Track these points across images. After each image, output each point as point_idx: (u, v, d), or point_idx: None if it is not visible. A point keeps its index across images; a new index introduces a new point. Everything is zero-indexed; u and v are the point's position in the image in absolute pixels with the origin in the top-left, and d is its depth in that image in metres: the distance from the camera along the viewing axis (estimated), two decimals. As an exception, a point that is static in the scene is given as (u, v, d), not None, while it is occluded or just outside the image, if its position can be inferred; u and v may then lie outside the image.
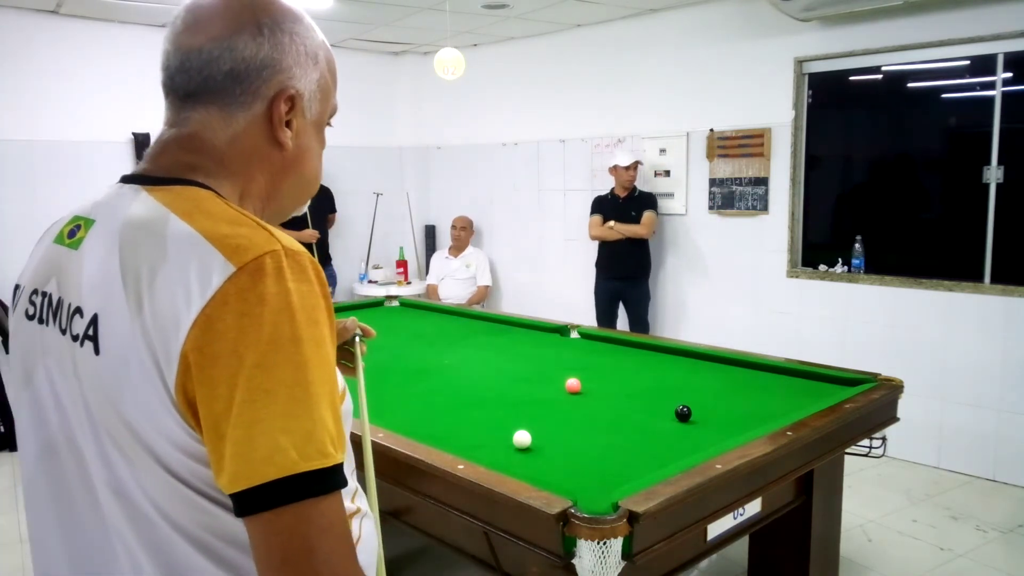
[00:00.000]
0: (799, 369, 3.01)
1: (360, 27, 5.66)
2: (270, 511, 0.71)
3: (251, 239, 0.76)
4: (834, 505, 2.80)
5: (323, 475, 0.73)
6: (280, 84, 0.87)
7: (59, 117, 5.15)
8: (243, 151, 0.87)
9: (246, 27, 0.85)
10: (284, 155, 0.90)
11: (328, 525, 0.73)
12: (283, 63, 0.87)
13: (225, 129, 0.86)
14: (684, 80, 5.15)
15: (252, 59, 0.84)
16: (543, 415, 2.56)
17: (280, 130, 0.88)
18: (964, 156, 4.26)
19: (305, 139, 0.92)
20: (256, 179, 0.89)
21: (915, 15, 4.09)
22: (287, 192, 0.94)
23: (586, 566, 1.68)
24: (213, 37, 0.84)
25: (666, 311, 5.42)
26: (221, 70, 0.84)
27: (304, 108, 0.90)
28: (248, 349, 0.71)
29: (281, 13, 0.89)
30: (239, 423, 0.71)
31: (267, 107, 0.87)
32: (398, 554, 3.23)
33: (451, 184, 6.86)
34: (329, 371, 0.77)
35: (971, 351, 4.08)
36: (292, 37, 0.89)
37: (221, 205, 0.82)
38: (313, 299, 0.77)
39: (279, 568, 0.72)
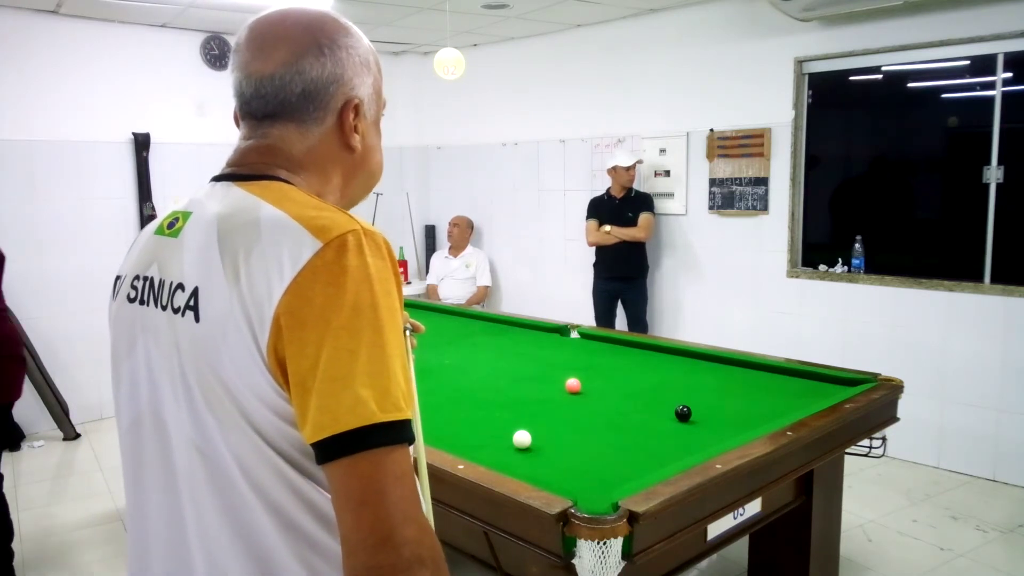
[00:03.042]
0: (799, 369, 3.01)
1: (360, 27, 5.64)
2: (349, 457, 0.80)
3: (335, 220, 0.87)
4: (834, 505, 2.80)
5: (397, 427, 0.82)
6: (345, 95, 0.97)
7: (59, 117, 5.14)
8: (318, 157, 0.98)
9: (309, 49, 0.94)
10: (354, 156, 1.02)
11: (401, 473, 0.82)
12: (345, 76, 0.97)
13: (302, 141, 0.97)
14: (684, 80, 5.15)
15: (320, 78, 0.95)
16: (543, 415, 2.56)
17: (351, 136, 0.99)
18: (964, 156, 4.26)
19: (369, 138, 1.03)
20: (332, 179, 1.01)
21: (915, 15, 4.10)
22: (359, 185, 1.06)
23: (586, 566, 1.68)
24: (282, 63, 0.94)
25: (666, 311, 5.42)
26: (294, 92, 0.94)
27: (365, 112, 1.01)
28: (333, 313, 0.81)
29: (335, 30, 0.98)
30: (325, 378, 0.80)
31: (337, 118, 0.98)
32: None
33: (451, 184, 6.86)
34: (400, 337, 0.86)
35: (971, 351, 4.08)
36: (348, 51, 0.98)
37: (304, 195, 0.92)
38: (387, 273, 0.87)
39: (356, 510, 0.80)
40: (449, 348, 3.63)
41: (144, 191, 5.45)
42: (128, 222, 5.44)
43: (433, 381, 3.04)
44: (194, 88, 5.68)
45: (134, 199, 5.45)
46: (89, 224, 5.25)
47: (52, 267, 5.06)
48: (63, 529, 3.54)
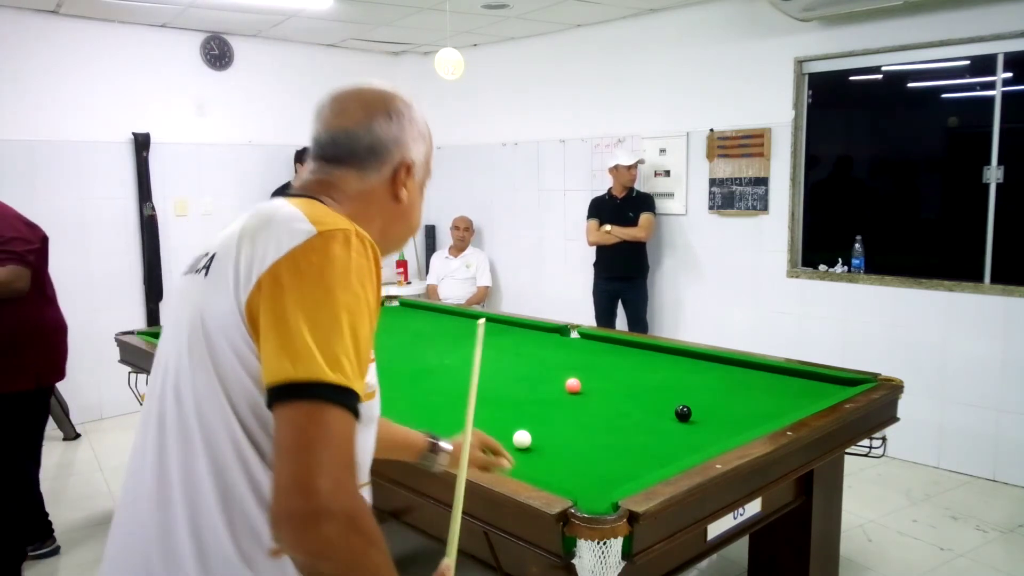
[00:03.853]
0: (799, 369, 3.01)
1: (360, 27, 5.66)
2: (291, 404, 0.90)
3: (336, 221, 1.02)
4: (834, 505, 2.80)
5: (341, 391, 0.91)
6: (402, 156, 1.17)
7: (59, 117, 5.14)
8: (368, 199, 1.15)
9: (380, 114, 1.15)
10: (399, 207, 1.18)
11: (332, 435, 0.89)
12: (404, 140, 1.16)
13: (359, 184, 1.15)
14: (684, 80, 5.15)
15: (385, 138, 1.14)
16: (543, 415, 2.56)
17: (400, 189, 1.17)
18: (964, 156, 4.26)
19: (414, 196, 1.20)
20: (374, 220, 1.15)
21: (915, 15, 4.10)
22: (397, 234, 1.22)
23: (586, 566, 1.68)
24: (357, 122, 1.14)
25: (666, 311, 5.42)
26: (362, 145, 1.14)
27: (415, 173, 1.19)
28: (309, 286, 0.94)
29: (403, 103, 1.18)
30: (288, 332, 0.92)
31: (392, 172, 1.16)
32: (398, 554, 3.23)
33: (451, 184, 6.86)
34: (362, 324, 0.96)
35: (971, 351, 4.08)
36: (411, 121, 1.18)
37: (328, 209, 1.08)
38: (366, 270, 0.99)
39: (284, 457, 0.89)
40: (449, 348, 3.63)
41: (144, 191, 5.45)
42: (128, 222, 5.44)
43: (433, 381, 3.04)
44: (194, 88, 5.69)
45: (134, 199, 5.45)
46: (89, 224, 5.25)
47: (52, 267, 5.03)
48: (63, 529, 3.54)
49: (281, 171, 6.01)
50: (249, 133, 5.96)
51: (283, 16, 5.30)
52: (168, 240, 5.56)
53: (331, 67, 6.39)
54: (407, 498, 2.24)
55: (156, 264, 5.51)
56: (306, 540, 0.86)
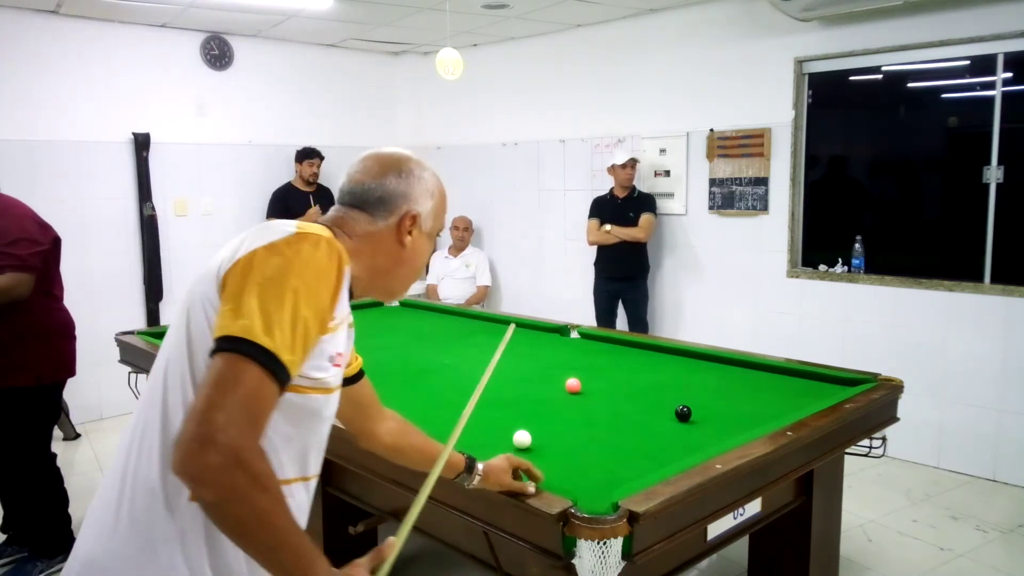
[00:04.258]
0: (799, 369, 3.01)
1: (360, 27, 5.66)
2: (221, 352, 1.04)
3: (319, 229, 1.20)
4: (834, 505, 2.80)
5: (264, 352, 1.04)
6: (408, 207, 1.34)
7: (59, 117, 5.14)
8: (376, 240, 1.33)
9: (392, 172, 1.34)
10: (403, 251, 1.35)
11: (242, 384, 1.02)
12: (411, 195, 1.34)
13: (368, 227, 1.33)
14: (684, 80, 5.15)
15: (394, 191, 1.33)
16: (543, 415, 2.56)
17: (403, 235, 1.34)
18: (964, 156, 4.26)
19: (419, 243, 1.37)
20: (379, 258, 1.34)
21: (915, 15, 4.10)
22: (402, 275, 1.39)
23: (586, 566, 1.68)
24: (373, 176, 1.34)
25: (666, 311, 5.42)
26: (375, 196, 1.33)
27: (421, 224, 1.35)
28: (270, 268, 1.11)
29: (414, 164, 1.37)
30: (239, 297, 1.08)
31: (399, 219, 1.33)
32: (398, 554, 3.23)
33: (451, 184, 6.77)
34: (306, 309, 1.10)
35: (971, 351, 4.08)
36: (419, 179, 1.36)
37: (325, 227, 1.24)
38: (326, 271, 1.14)
39: (199, 390, 1.03)
40: (449, 348, 3.63)
41: (144, 191, 5.45)
42: (128, 222, 5.44)
43: (433, 381, 3.04)
44: (194, 88, 5.69)
45: (134, 199, 5.45)
46: (89, 224, 5.25)
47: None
48: (63, 529, 3.53)
49: (281, 171, 6.01)
50: (249, 133, 5.96)
51: (283, 16, 5.30)
52: (168, 240, 5.56)
53: (331, 67, 6.39)
54: (407, 498, 2.23)
55: (156, 264, 5.50)
56: (190, 463, 0.97)
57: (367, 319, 4.39)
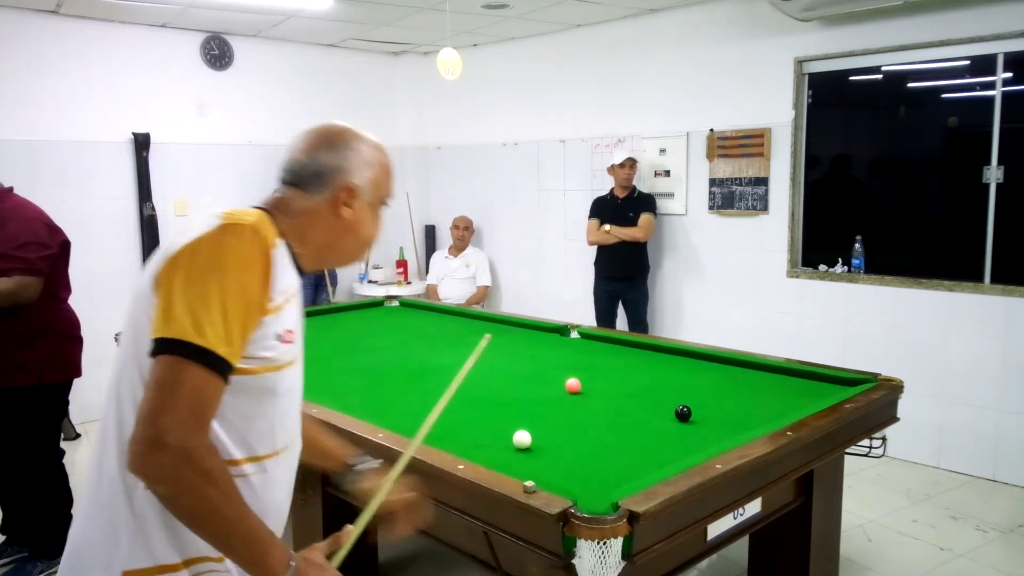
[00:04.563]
0: (799, 369, 3.01)
1: (360, 27, 5.66)
2: (160, 356, 1.12)
3: (242, 218, 1.22)
4: (834, 505, 2.80)
5: (199, 351, 1.11)
6: (344, 179, 1.35)
7: (59, 117, 5.14)
8: (310, 215, 1.35)
9: (325, 145, 1.35)
10: (343, 222, 1.37)
11: (184, 384, 1.11)
12: (346, 167, 1.35)
13: (304, 203, 1.35)
14: (684, 80, 5.15)
15: (328, 165, 1.34)
16: (543, 415, 2.56)
17: (340, 207, 1.36)
18: (964, 156, 4.26)
19: (361, 213, 1.38)
20: (319, 232, 1.36)
21: (915, 15, 4.10)
22: (349, 246, 1.42)
23: (586, 566, 1.68)
24: (307, 152, 1.35)
25: (666, 311, 5.42)
26: (309, 171, 1.35)
27: (360, 195, 1.37)
28: (195, 266, 1.16)
29: (351, 136, 1.38)
30: (168, 299, 1.14)
31: (335, 193, 1.35)
32: (398, 554, 3.23)
33: (451, 184, 6.86)
34: (232, 300, 1.15)
35: (971, 351, 4.08)
36: (355, 151, 1.37)
37: (252, 211, 1.27)
38: (249, 258, 1.19)
39: (145, 394, 1.12)
40: (449, 348, 3.62)
41: (144, 191, 5.45)
42: (128, 222, 5.44)
43: (433, 381, 3.04)
44: (194, 88, 5.69)
45: (134, 199, 5.45)
46: (89, 224, 5.25)
47: (52, 267, 5.05)
48: (63, 529, 3.54)
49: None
50: (249, 133, 5.96)
51: (283, 16, 5.30)
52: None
53: (331, 67, 6.39)
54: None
55: (156, 264, 5.50)
56: (143, 464, 1.09)
57: (367, 319, 4.39)
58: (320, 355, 3.53)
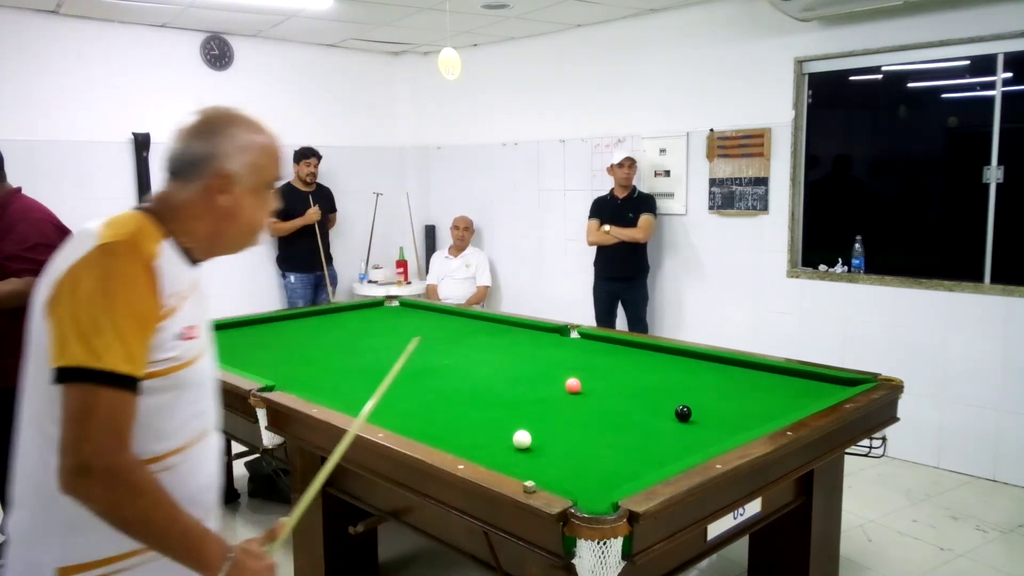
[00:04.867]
0: (799, 369, 3.01)
1: (360, 27, 5.66)
2: (65, 384, 1.16)
3: (116, 235, 1.24)
4: (834, 505, 2.80)
5: (101, 374, 1.16)
6: (217, 167, 1.33)
7: (59, 117, 5.14)
8: (189, 205, 1.35)
9: (196, 133, 1.34)
10: (222, 209, 1.35)
11: (95, 409, 1.15)
12: (219, 153, 1.33)
13: (181, 194, 1.35)
14: (684, 80, 5.15)
15: (200, 153, 1.33)
16: (543, 415, 2.56)
17: (216, 195, 1.34)
18: (964, 156, 4.26)
19: (239, 200, 1.36)
20: (200, 222, 1.35)
21: (915, 15, 4.09)
22: (233, 233, 1.40)
23: (586, 566, 1.68)
24: (181, 141, 1.35)
25: (666, 311, 5.42)
26: (184, 161, 1.34)
27: (236, 181, 1.34)
28: (80, 293, 1.18)
29: (224, 121, 1.36)
30: (60, 328, 1.18)
31: (208, 181, 1.33)
32: (398, 554, 3.23)
33: (451, 184, 6.86)
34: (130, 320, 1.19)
35: (971, 351, 4.08)
36: (229, 137, 1.34)
37: (131, 218, 1.30)
38: (134, 276, 1.22)
39: (63, 425, 1.16)
40: (449, 348, 3.62)
41: (144, 191, 5.45)
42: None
43: (433, 381, 3.04)
44: (194, 88, 5.68)
45: (134, 199, 5.45)
46: (89, 224, 5.24)
47: (52, 267, 5.05)
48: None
49: (281, 171, 6.00)
50: (249, 133, 5.96)
51: (283, 16, 5.30)
52: (168, 240, 5.56)
53: (331, 67, 6.39)
54: (407, 498, 2.24)
55: (156, 264, 5.51)
56: (74, 490, 1.16)
57: (367, 319, 4.39)
58: (320, 355, 3.53)
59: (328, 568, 2.72)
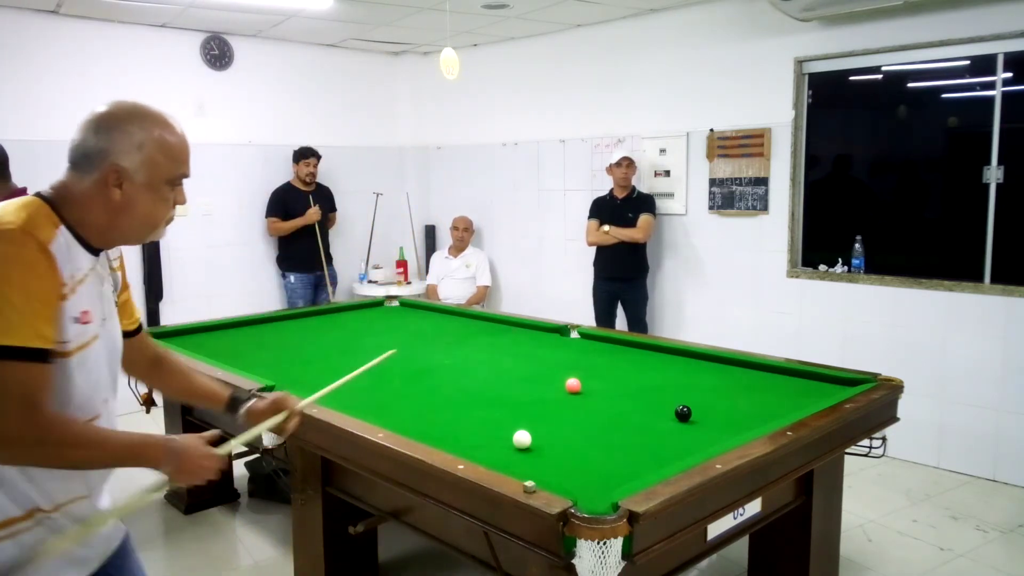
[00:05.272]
0: (799, 369, 3.01)
1: (360, 27, 5.66)
2: None
3: (9, 221, 1.28)
4: (834, 505, 2.80)
5: (9, 350, 1.22)
6: (111, 162, 1.38)
7: (59, 117, 5.14)
8: (84, 196, 1.39)
9: (93, 128, 1.39)
10: (116, 203, 1.40)
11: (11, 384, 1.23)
12: (113, 149, 1.38)
13: (78, 185, 1.40)
14: (684, 80, 5.15)
15: (94, 147, 1.38)
16: (543, 415, 2.57)
17: (110, 189, 1.39)
18: (964, 156, 4.26)
19: (133, 195, 1.40)
20: (95, 213, 1.40)
21: (915, 15, 4.10)
22: (127, 226, 1.44)
23: (586, 566, 1.68)
24: (81, 133, 1.40)
25: (666, 311, 5.42)
26: (80, 154, 1.40)
27: (130, 176, 1.39)
28: None
29: (122, 117, 1.41)
30: None
31: (102, 174, 1.38)
32: (398, 554, 3.23)
33: (451, 184, 6.86)
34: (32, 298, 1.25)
35: (971, 351, 4.08)
36: (124, 133, 1.39)
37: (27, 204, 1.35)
38: (28, 260, 1.26)
39: None
40: (449, 348, 3.63)
41: (144, 191, 5.44)
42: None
43: (433, 381, 3.04)
44: (194, 88, 5.68)
45: (134, 199, 5.45)
46: (89, 224, 5.25)
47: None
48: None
49: (281, 171, 6.01)
50: (249, 133, 5.96)
51: (283, 16, 5.30)
52: (168, 240, 5.56)
53: (331, 67, 6.39)
54: (407, 498, 2.24)
55: (156, 264, 5.51)
56: (9, 460, 1.29)
57: (367, 319, 4.39)
58: (320, 355, 3.53)
59: (328, 568, 2.72)
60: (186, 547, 3.44)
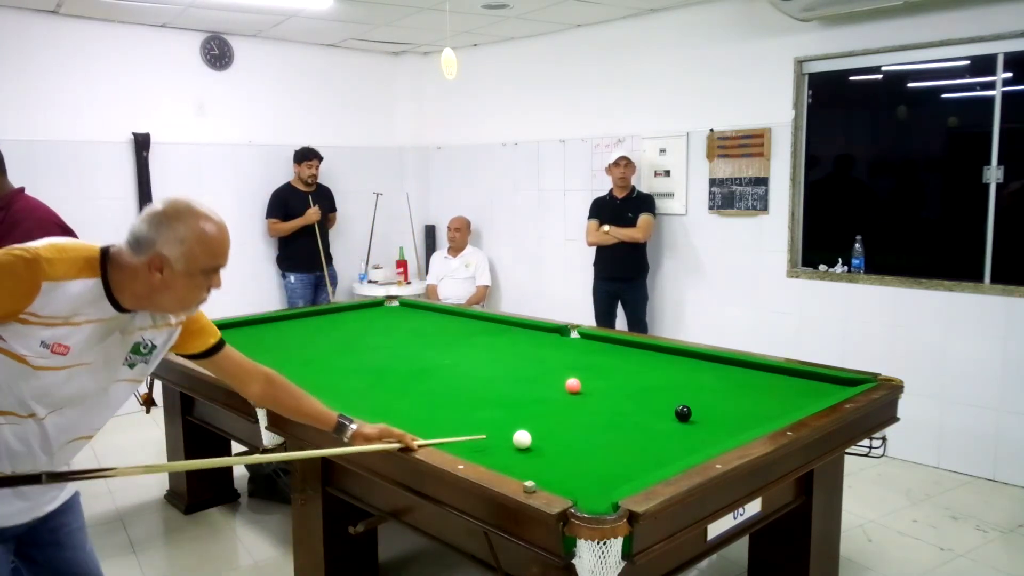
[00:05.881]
0: (799, 369, 3.01)
1: (360, 27, 5.66)
2: None
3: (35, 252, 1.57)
4: (834, 505, 2.80)
5: None
6: (156, 250, 1.62)
7: (59, 117, 5.14)
8: (133, 271, 1.64)
9: (147, 221, 1.63)
10: (155, 283, 1.64)
11: None
12: (159, 240, 1.62)
13: (128, 260, 1.64)
14: (684, 80, 5.15)
15: (145, 236, 1.62)
16: (543, 415, 2.57)
17: (153, 272, 1.63)
18: (964, 156, 4.26)
19: (172, 279, 1.64)
20: (136, 285, 1.65)
21: (915, 15, 4.10)
22: (162, 302, 1.70)
23: (586, 566, 1.68)
24: (139, 222, 1.64)
25: (666, 311, 5.42)
26: (134, 238, 1.63)
27: (171, 264, 1.62)
28: None
29: (171, 215, 1.64)
30: None
31: (149, 259, 1.62)
32: (398, 554, 3.23)
33: (451, 184, 6.86)
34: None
35: (971, 351, 4.08)
36: (171, 229, 1.62)
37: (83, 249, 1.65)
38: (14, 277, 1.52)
39: None
40: (449, 348, 3.63)
41: (144, 191, 5.45)
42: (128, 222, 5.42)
43: (433, 381, 3.04)
44: (194, 88, 5.69)
45: (134, 199, 5.45)
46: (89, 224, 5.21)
47: (52, 267, 5.05)
48: (63, 529, 3.54)
49: (281, 171, 6.01)
50: (249, 133, 5.96)
51: (283, 16, 5.31)
52: (168, 240, 5.55)
53: (331, 67, 6.39)
54: (407, 498, 2.24)
55: (156, 264, 5.50)
56: None
57: (367, 319, 4.39)
58: (320, 355, 3.53)
59: (328, 568, 2.72)
60: (186, 547, 3.44)
